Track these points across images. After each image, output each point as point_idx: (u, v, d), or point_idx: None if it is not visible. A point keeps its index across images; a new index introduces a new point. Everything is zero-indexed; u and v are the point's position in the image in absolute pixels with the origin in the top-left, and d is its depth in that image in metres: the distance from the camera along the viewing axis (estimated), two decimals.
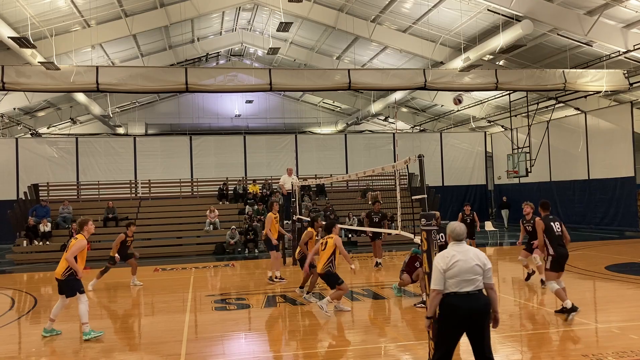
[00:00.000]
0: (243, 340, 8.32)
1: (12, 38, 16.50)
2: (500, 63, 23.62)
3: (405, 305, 10.09)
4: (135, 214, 23.30)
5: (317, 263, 10.01)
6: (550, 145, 26.56)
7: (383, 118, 35.97)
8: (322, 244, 9.86)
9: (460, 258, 5.00)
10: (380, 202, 16.65)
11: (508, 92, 24.99)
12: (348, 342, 7.95)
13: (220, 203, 24.48)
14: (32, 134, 30.73)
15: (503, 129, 29.84)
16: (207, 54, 30.80)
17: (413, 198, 7.75)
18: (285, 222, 18.02)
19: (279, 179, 19.55)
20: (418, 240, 6.62)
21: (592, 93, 22.05)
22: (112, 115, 30.31)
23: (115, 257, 13.08)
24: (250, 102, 35.18)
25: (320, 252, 9.80)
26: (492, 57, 22.59)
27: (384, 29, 23.13)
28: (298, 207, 16.78)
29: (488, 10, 18.95)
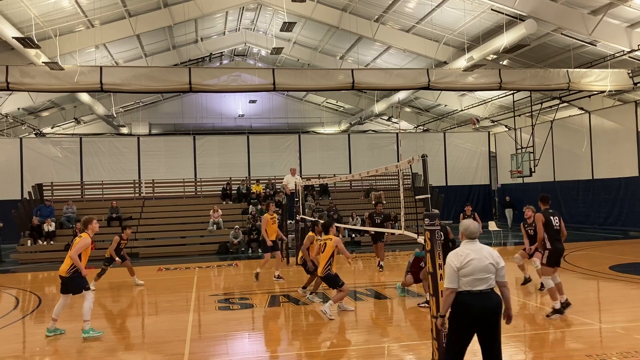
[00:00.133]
0: (246, 340, 8.34)
1: (16, 38, 16.56)
2: (504, 63, 23.58)
3: (409, 306, 10.08)
4: (139, 214, 23.35)
5: (318, 264, 9.91)
6: (554, 145, 26.50)
7: (386, 118, 35.92)
8: (321, 246, 9.70)
9: (475, 257, 4.98)
10: (383, 203, 16.57)
11: (512, 91, 24.92)
12: (351, 342, 7.95)
13: (224, 203, 24.50)
14: (36, 134, 30.82)
15: (507, 129, 29.78)
16: (210, 54, 30.83)
17: (416, 198, 7.75)
18: (289, 222, 18.04)
19: (283, 179, 19.56)
20: (421, 240, 6.61)
21: (596, 93, 21.96)
22: (115, 115, 30.37)
23: (116, 259, 13.14)
24: (254, 102, 35.19)
25: (320, 254, 9.66)
26: (495, 56, 22.53)
27: (388, 29, 23.11)
28: (301, 207, 16.78)
29: (492, 10, 18.92)
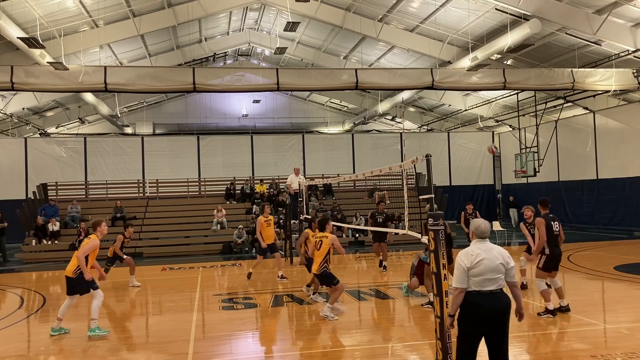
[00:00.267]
0: (250, 340, 8.34)
1: (21, 38, 16.62)
2: (508, 62, 23.53)
3: (413, 305, 10.07)
4: (143, 214, 23.41)
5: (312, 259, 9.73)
6: (559, 145, 26.42)
7: (390, 118, 35.90)
8: (317, 244, 9.43)
9: (485, 257, 4.95)
10: (385, 202, 16.54)
11: (516, 91, 24.87)
12: (355, 341, 7.93)
13: (228, 203, 24.53)
14: (40, 134, 30.92)
15: (511, 129, 29.71)
16: (214, 54, 30.86)
17: (420, 198, 7.74)
18: (293, 221, 18.05)
19: (286, 179, 19.59)
20: (425, 240, 6.61)
21: (600, 92, 21.87)
22: (120, 115, 30.44)
23: (124, 257, 13.19)
24: (258, 101, 35.21)
25: (315, 252, 9.43)
26: (500, 56, 22.51)
27: (391, 29, 23.09)
28: (305, 207, 16.78)
29: (496, 10, 18.88)
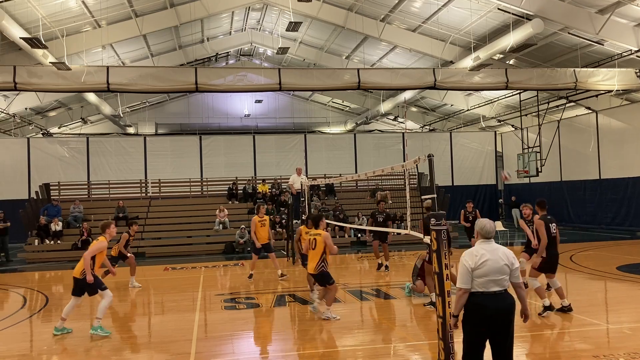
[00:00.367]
0: (252, 340, 8.35)
1: (23, 39, 16.66)
2: (511, 62, 23.51)
3: (415, 305, 10.07)
4: (146, 214, 23.43)
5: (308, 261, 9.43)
6: (561, 145, 26.39)
7: (392, 117, 35.89)
8: (311, 242, 9.14)
9: (490, 257, 4.92)
10: (385, 201, 16.49)
11: (518, 91, 24.84)
12: (357, 341, 7.94)
13: (230, 202, 24.54)
14: (43, 134, 30.98)
15: (513, 129, 29.69)
16: (216, 54, 30.90)
17: (422, 198, 7.73)
18: (295, 221, 18.05)
19: (288, 179, 19.59)
20: (427, 240, 6.60)
21: (603, 92, 21.84)
22: (122, 115, 30.48)
23: (128, 255, 13.21)
24: (260, 101, 35.24)
25: (310, 251, 9.14)
26: (502, 56, 22.47)
27: (394, 29, 23.09)
28: (307, 206, 16.78)
29: (498, 9, 18.86)
